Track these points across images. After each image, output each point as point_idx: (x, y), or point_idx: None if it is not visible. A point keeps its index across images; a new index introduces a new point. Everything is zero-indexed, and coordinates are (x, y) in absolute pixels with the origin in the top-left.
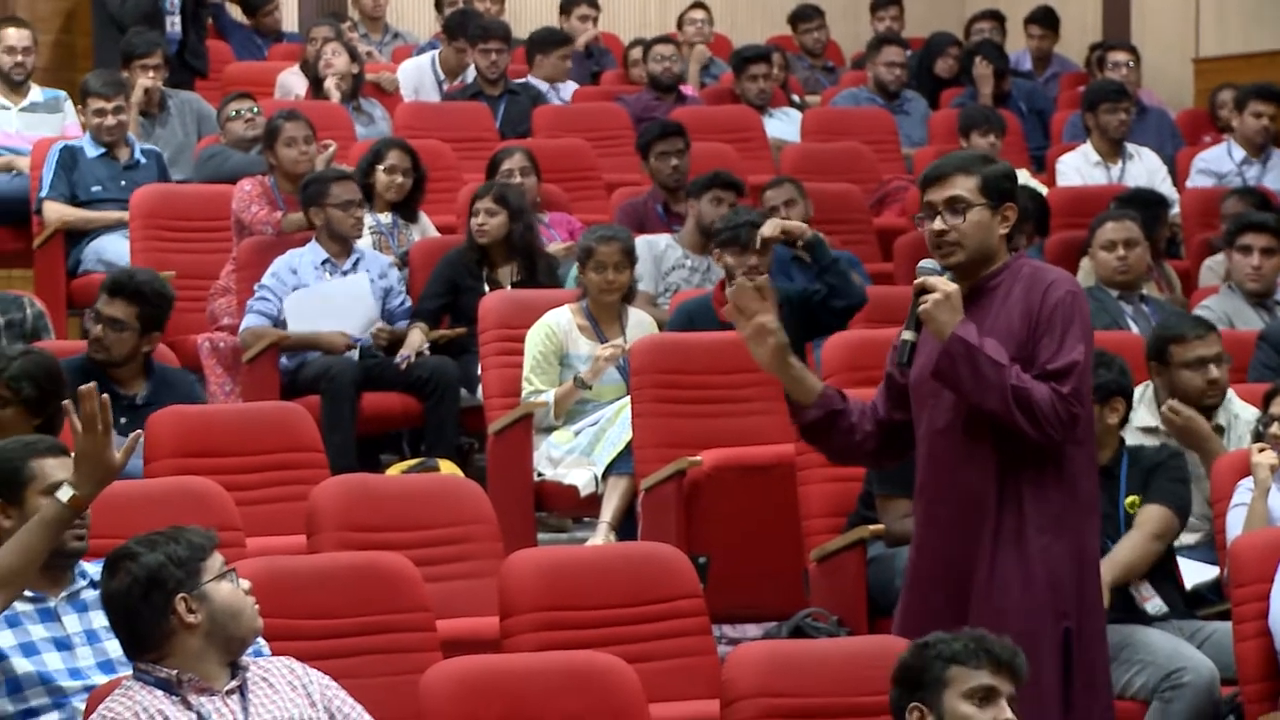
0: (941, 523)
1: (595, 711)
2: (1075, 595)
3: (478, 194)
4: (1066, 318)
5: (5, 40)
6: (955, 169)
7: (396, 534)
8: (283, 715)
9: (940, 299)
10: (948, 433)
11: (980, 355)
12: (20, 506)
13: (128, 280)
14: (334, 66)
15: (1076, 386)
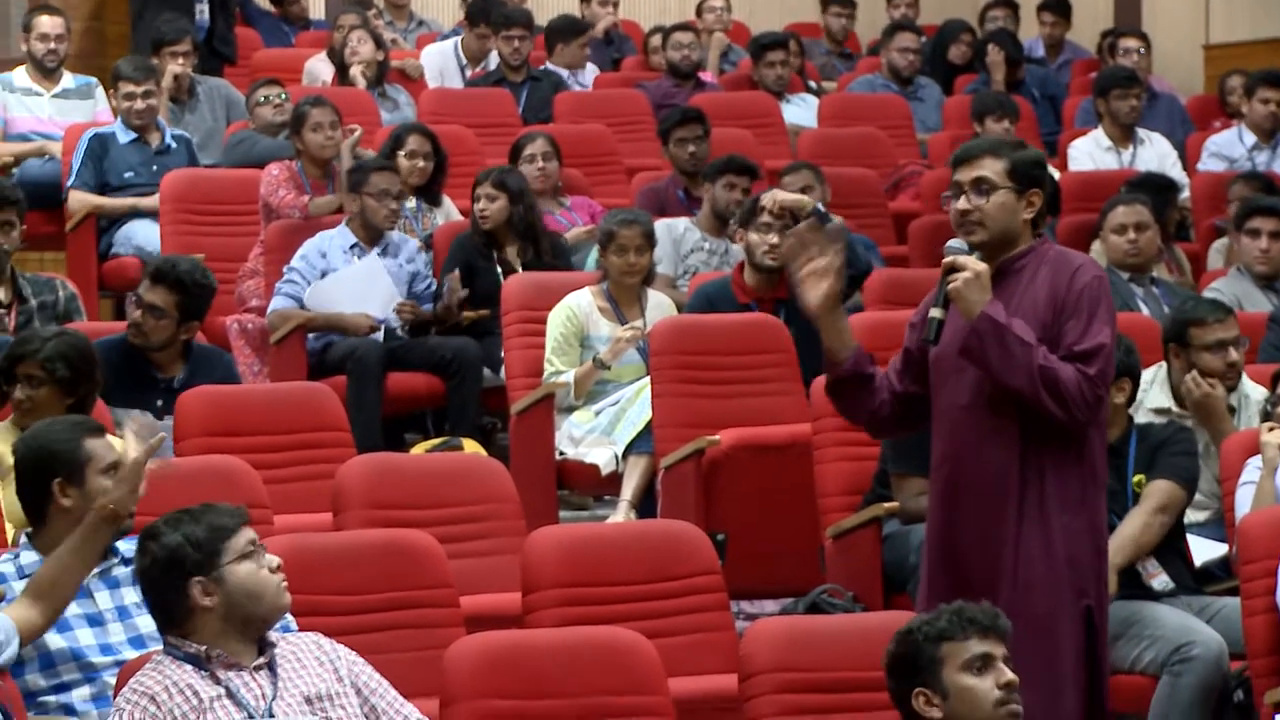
0: (962, 497)
1: (615, 685)
2: (1094, 573)
3: (478, 180)
4: (1094, 301)
5: (38, 27)
6: (985, 151)
7: (421, 512)
8: (310, 690)
9: (970, 278)
10: (971, 409)
11: (1009, 334)
12: (81, 486)
13: (170, 269)
14: (360, 54)
15: (1102, 369)
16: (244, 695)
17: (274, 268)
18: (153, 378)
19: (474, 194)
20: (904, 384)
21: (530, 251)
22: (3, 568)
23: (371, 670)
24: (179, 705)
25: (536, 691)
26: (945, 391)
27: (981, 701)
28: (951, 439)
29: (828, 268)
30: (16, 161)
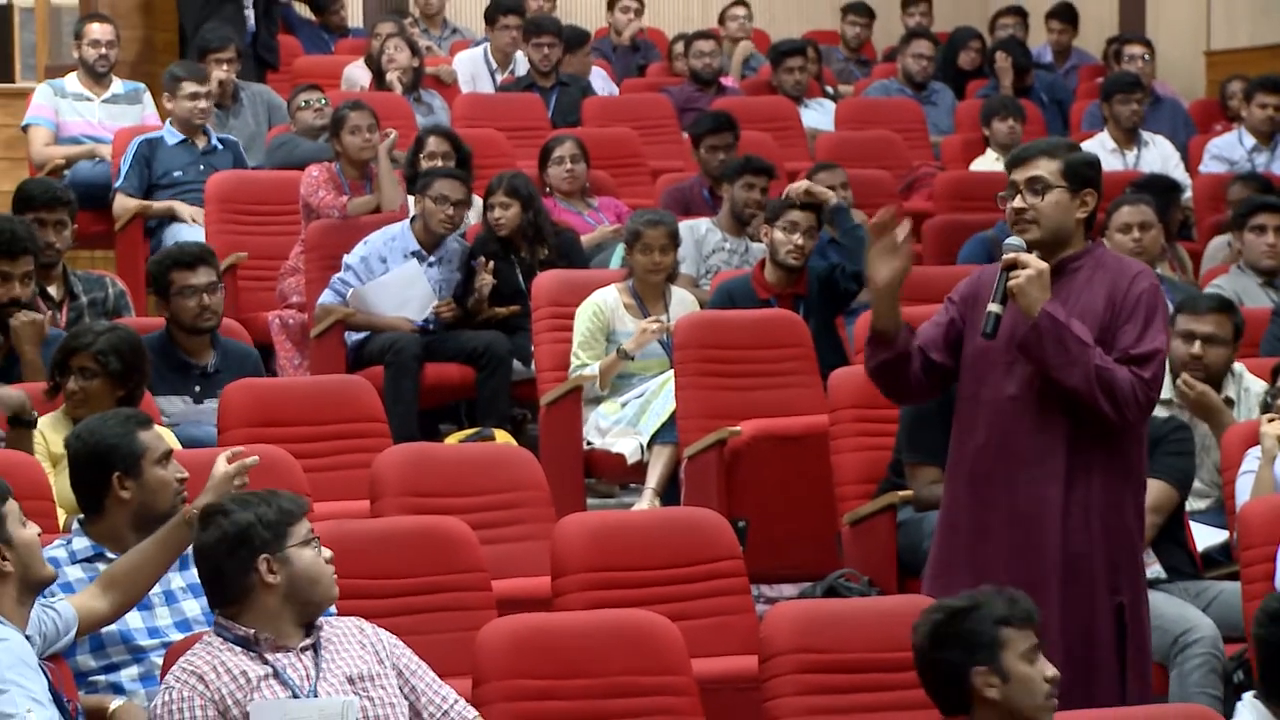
0: (1000, 488)
1: (641, 666)
2: (1130, 570)
3: (490, 189)
4: (1151, 307)
5: (89, 34)
6: (1040, 152)
7: (454, 499)
8: (352, 671)
9: (1032, 275)
10: (1018, 400)
11: (1068, 333)
12: (138, 478)
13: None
14: (396, 60)
15: (1156, 373)
16: (290, 676)
17: (314, 265)
18: (187, 365)
19: (487, 201)
20: (940, 355)
21: (541, 251)
22: (55, 553)
23: (410, 652)
24: (226, 684)
25: (565, 671)
26: (990, 382)
27: (1036, 691)
28: (992, 429)
29: (901, 249)
30: (68, 163)
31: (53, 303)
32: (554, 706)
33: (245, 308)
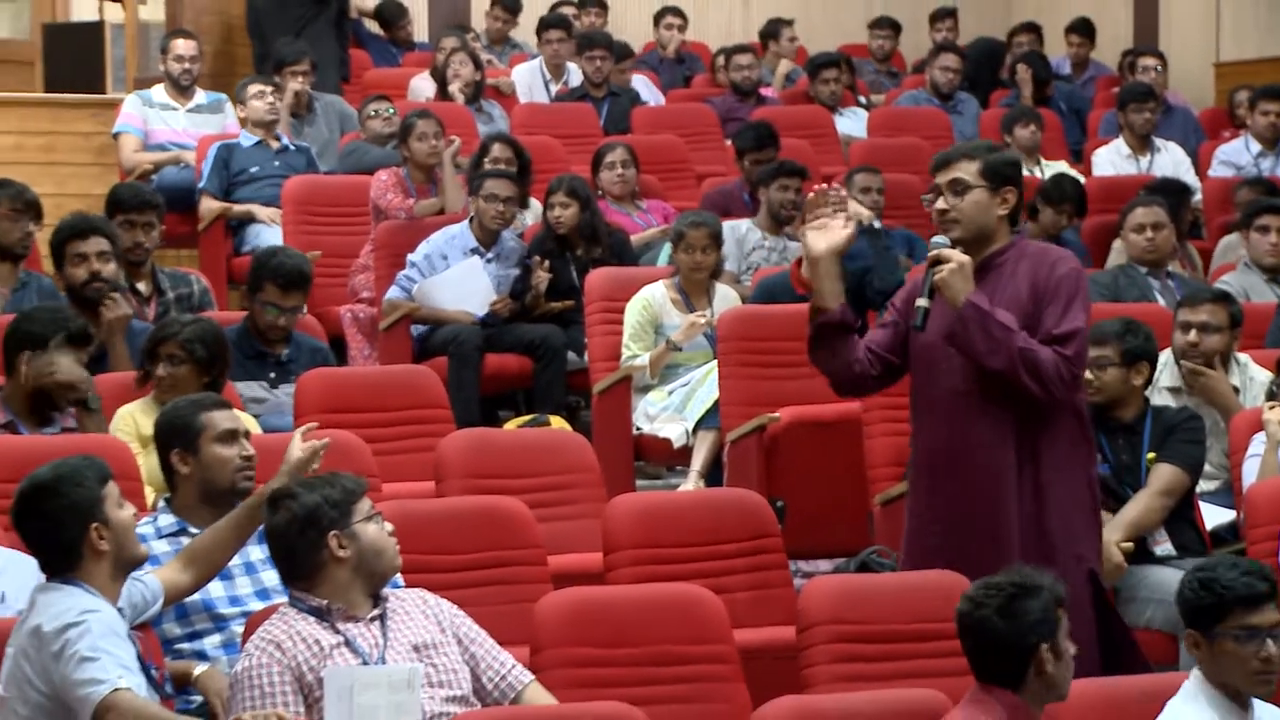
0: (964, 475)
1: (686, 635)
2: (1089, 536)
3: (551, 189)
4: (1071, 290)
5: (174, 50)
6: (961, 155)
7: (513, 481)
8: (417, 639)
9: (955, 268)
10: (966, 394)
11: (992, 320)
12: (196, 454)
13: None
14: (459, 73)
15: (1078, 350)
16: (360, 644)
17: (383, 263)
18: (263, 355)
19: (547, 201)
20: (888, 354)
21: (595, 250)
22: (143, 529)
23: (471, 622)
24: (302, 652)
25: (615, 640)
26: (936, 379)
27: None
28: (947, 423)
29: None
30: (155, 168)
31: (141, 298)
32: (605, 673)
33: (319, 302)
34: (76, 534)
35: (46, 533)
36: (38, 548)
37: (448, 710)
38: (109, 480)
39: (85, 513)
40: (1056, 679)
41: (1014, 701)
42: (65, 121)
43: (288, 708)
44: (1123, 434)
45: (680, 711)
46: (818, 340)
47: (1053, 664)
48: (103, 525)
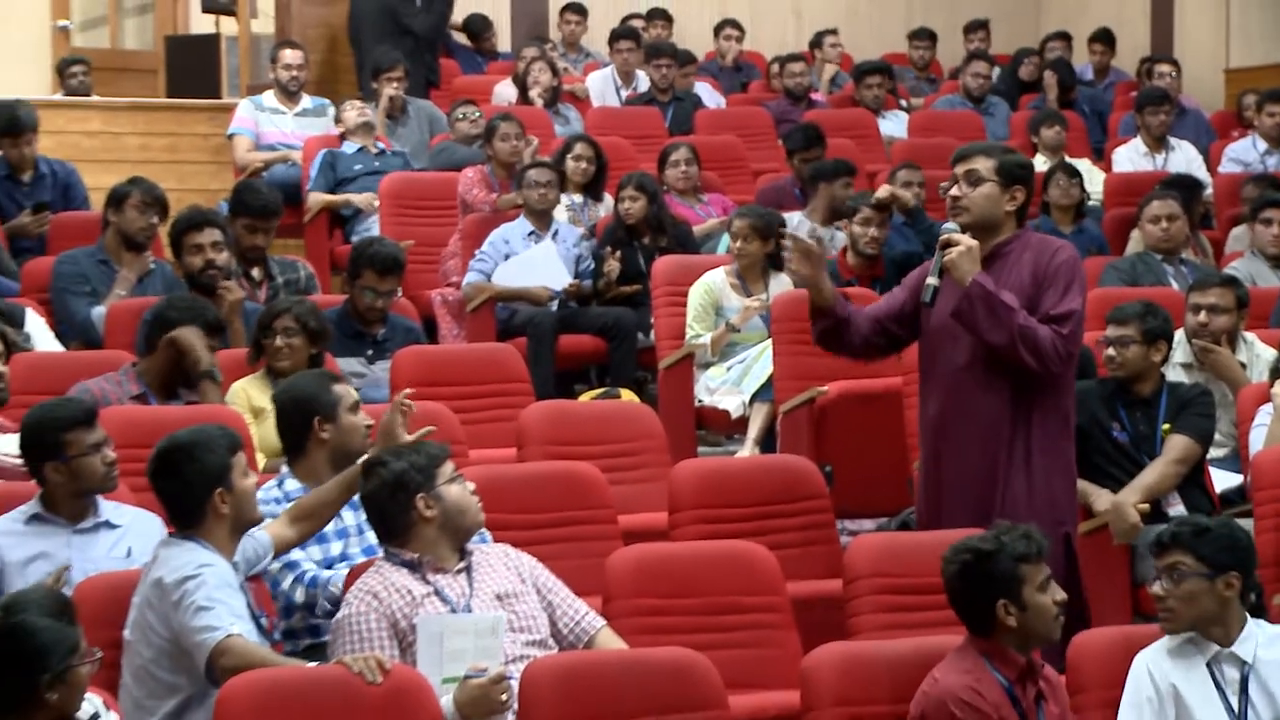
0: (962, 442)
1: (742, 587)
2: (1068, 504)
3: (622, 184)
4: (1069, 275)
5: (282, 59)
6: (979, 151)
7: (587, 447)
8: (499, 589)
9: (963, 251)
10: (969, 369)
11: (995, 299)
12: (335, 422)
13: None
14: (539, 79)
15: (1074, 330)
16: (448, 593)
17: (469, 251)
18: (361, 334)
19: (619, 194)
20: (893, 325)
21: (660, 239)
22: (271, 493)
23: (549, 573)
24: (396, 600)
25: (679, 592)
26: (943, 355)
27: (1048, 616)
28: (950, 395)
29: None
30: (266, 166)
31: (254, 283)
32: (670, 621)
33: (412, 286)
34: (203, 496)
35: (177, 492)
36: (167, 505)
37: (528, 653)
38: (239, 450)
39: (213, 478)
40: (1027, 628)
41: (990, 648)
42: (186, 124)
43: (384, 651)
44: (1141, 407)
45: (737, 656)
46: (821, 336)
47: (1017, 617)
48: (226, 491)
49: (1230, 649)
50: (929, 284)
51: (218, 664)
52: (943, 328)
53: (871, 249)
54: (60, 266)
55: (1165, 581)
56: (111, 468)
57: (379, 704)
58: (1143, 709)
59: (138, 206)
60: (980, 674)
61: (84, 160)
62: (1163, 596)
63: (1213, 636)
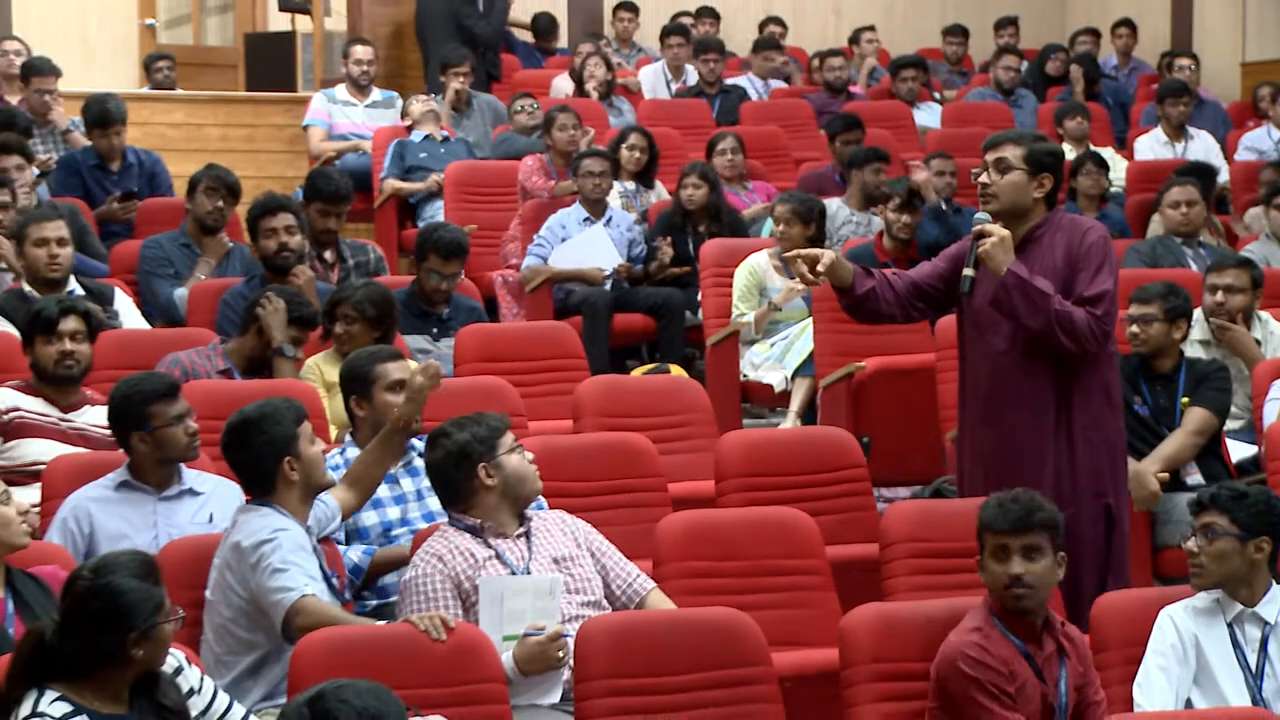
0: (1006, 420)
1: (784, 551)
2: (1111, 477)
3: (685, 171)
4: (1100, 256)
5: (354, 54)
6: (1009, 139)
7: (638, 419)
8: (557, 553)
9: (996, 242)
10: (1009, 352)
11: (1031, 286)
12: (370, 401)
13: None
14: (594, 74)
15: (1107, 310)
16: (508, 557)
17: (528, 235)
18: (427, 313)
19: (681, 181)
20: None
21: (716, 225)
22: (336, 460)
23: (602, 537)
24: (459, 563)
25: (725, 555)
26: (982, 339)
27: (996, 584)
28: (992, 377)
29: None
30: (338, 155)
31: (327, 265)
32: (716, 582)
33: (475, 268)
34: (273, 465)
35: (248, 463)
36: (241, 474)
37: (583, 613)
38: (304, 420)
39: (282, 448)
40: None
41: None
42: (263, 115)
43: (448, 610)
44: (1161, 382)
45: (780, 615)
46: (848, 310)
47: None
48: (295, 459)
49: (1254, 609)
50: (965, 275)
51: (293, 623)
52: (981, 314)
53: (905, 234)
54: (145, 251)
55: (1199, 539)
56: (193, 438)
57: (443, 660)
58: (1167, 655)
59: (206, 191)
60: (989, 632)
61: (168, 150)
62: (1195, 553)
63: (1238, 597)
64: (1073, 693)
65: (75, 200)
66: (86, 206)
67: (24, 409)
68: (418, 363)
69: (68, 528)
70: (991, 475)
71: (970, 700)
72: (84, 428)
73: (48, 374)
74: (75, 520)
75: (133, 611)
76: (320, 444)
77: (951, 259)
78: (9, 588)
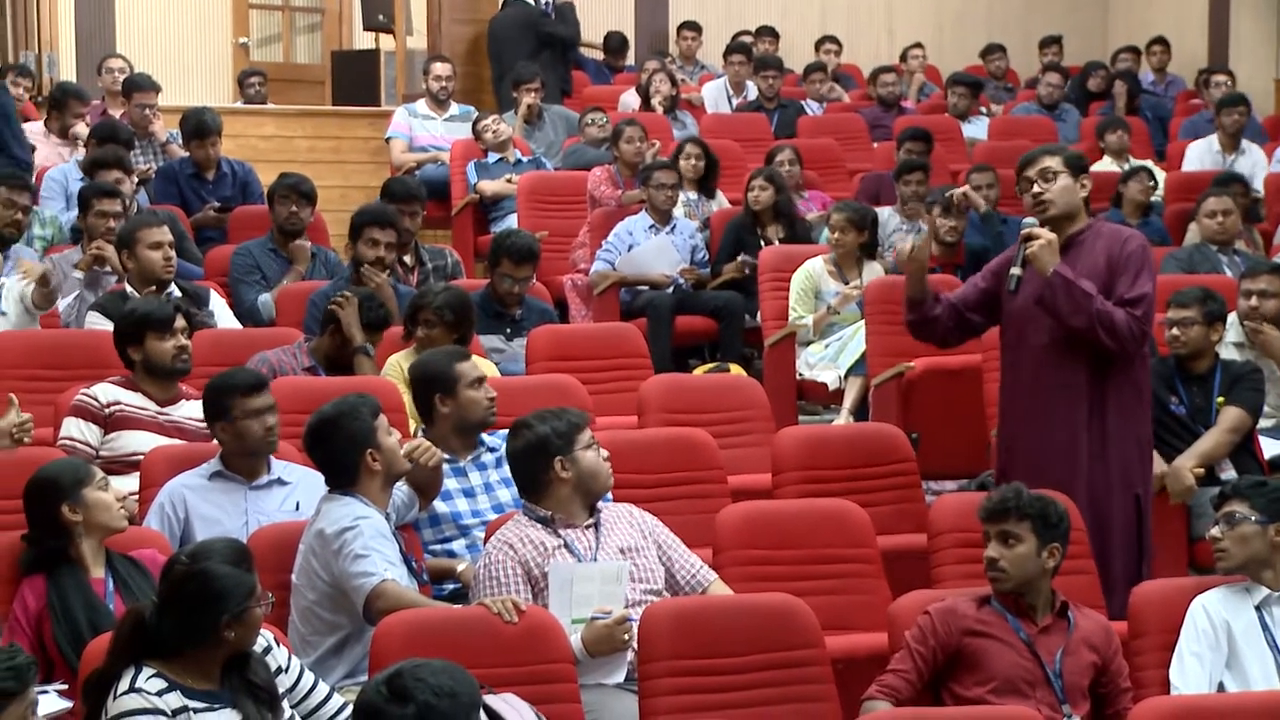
0: (1043, 413)
1: (837, 540)
2: (1140, 469)
3: (754, 174)
4: (1140, 261)
5: (433, 71)
6: (1043, 152)
7: (700, 415)
8: (623, 543)
9: (1044, 244)
10: (1050, 348)
11: (1075, 287)
12: (455, 397)
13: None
14: (660, 89)
15: (1146, 311)
16: (576, 546)
17: (596, 241)
18: (501, 314)
19: (749, 184)
20: (971, 314)
21: (786, 230)
22: None
23: (666, 529)
24: (530, 552)
25: (781, 543)
26: (1025, 335)
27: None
28: (1032, 371)
29: (918, 255)
30: (418, 166)
31: (407, 269)
32: (772, 570)
33: (546, 272)
34: (355, 459)
35: (330, 457)
36: (324, 469)
37: (645, 600)
38: (379, 413)
39: (362, 441)
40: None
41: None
42: (348, 128)
43: (519, 594)
44: (1197, 382)
45: (833, 601)
46: (913, 327)
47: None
48: (375, 450)
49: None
50: (1013, 274)
51: (374, 606)
52: (1025, 311)
53: (951, 237)
54: (235, 258)
55: (1223, 525)
56: (270, 432)
57: (515, 641)
58: (1200, 641)
59: (281, 200)
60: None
61: (260, 160)
62: (1219, 538)
63: (1263, 580)
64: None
65: (173, 208)
66: (183, 214)
67: (124, 403)
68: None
69: (164, 513)
70: (1029, 467)
71: (905, 638)
72: (180, 421)
73: (163, 368)
74: (172, 506)
75: (226, 596)
76: (396, 434)
77: (990, 277)
78: (109, 569)
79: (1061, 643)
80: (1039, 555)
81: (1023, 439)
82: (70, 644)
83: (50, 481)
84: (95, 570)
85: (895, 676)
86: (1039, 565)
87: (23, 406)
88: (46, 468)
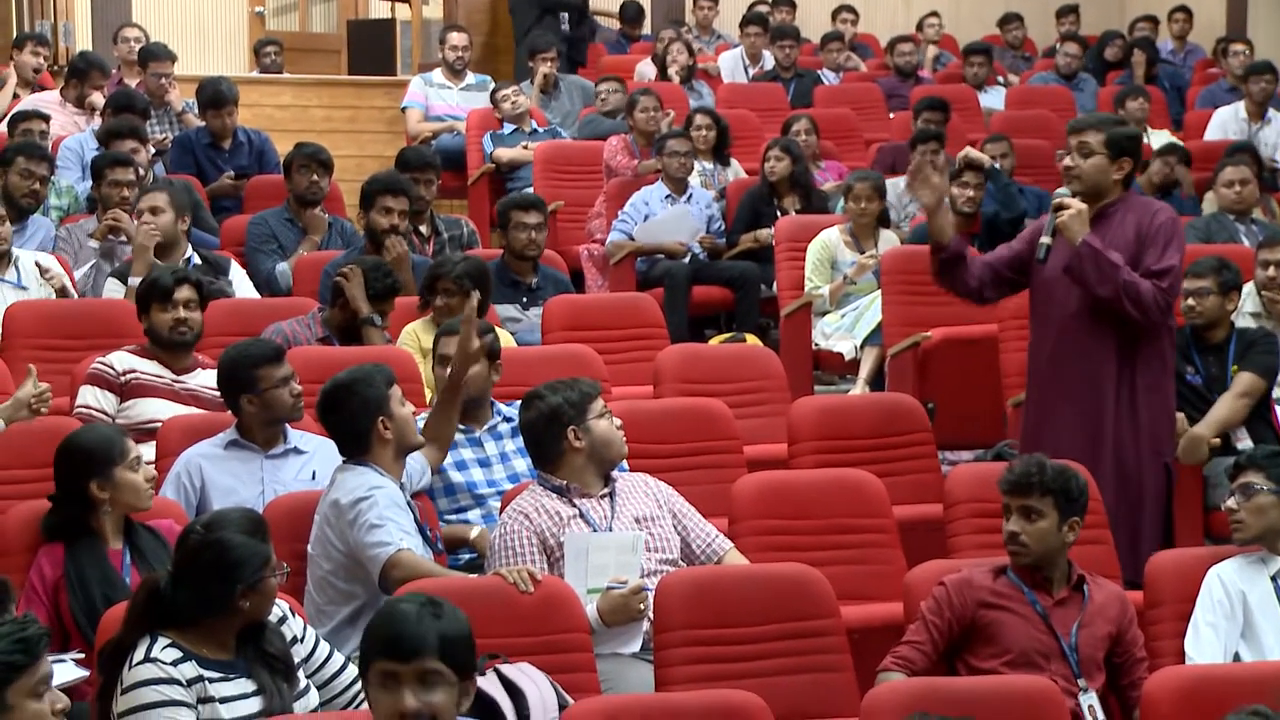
0: (1072, 381)
1: (854, 510)
2: (1168, 436)
3: (770, 145)
4: (1168, 234)
5: (449, 40)
6: (1092, 125)
7: (716, 385)
8: (638, 513)
9: (1074, 214)
10: (1078, 316)
11: (1103, 257)
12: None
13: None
14: (676, 59)
15: (1172, 283)
16: (592, 516)
17: (612, 211)
18: (517, 283)
19: (765, 155)
20: (1006, 271)
21: (802, 201)
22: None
23: (681, 499)
24: (545, 521)
25: (797, 514)
26: (1054, 304)
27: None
28: (1061, 339)
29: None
30: (434, 135)
31: (423, 238)
32: (788, 540)
33: (562, 241)
34: (367, 426)
35: (343, 424)
36: (337, 436)
37: (661, 569)
38: (393, 383)
39: (374, 409)
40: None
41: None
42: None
43: (534, 564)
44: (1213, 352)
45: (848, 571)
46: (941, 270)
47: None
48: (388, 419)
49: None
50: (1042, 242)
51: (389, 575)
52: (1054, 280)
53: (969, 208)
54: (251, 227)
55: (1239, 496)
56: (298, 399)
57: (531, 610)
58: (1215, 611)
59: (300, 169)
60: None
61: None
62: (1235, 509)
63: (1278, 550)
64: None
65: (189, 177)
66: (199, 183)
67: (140, 371)
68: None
69: (181, 482)
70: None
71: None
72: (196, 389)
73: (162, 339)
74: (188, 475)
75: (241, 566)
76: (410, 406)
77: (1026, 241)
78: (127, 541)
79: (1077, 616)
80: (1060, 530)
81: (1050, 406)
82: (85, 615)
83: (84, 455)
84: (114, 542)
85: (910, 648)
86: (1060, 540)
87: (40, 376)
88: (83, 435)
